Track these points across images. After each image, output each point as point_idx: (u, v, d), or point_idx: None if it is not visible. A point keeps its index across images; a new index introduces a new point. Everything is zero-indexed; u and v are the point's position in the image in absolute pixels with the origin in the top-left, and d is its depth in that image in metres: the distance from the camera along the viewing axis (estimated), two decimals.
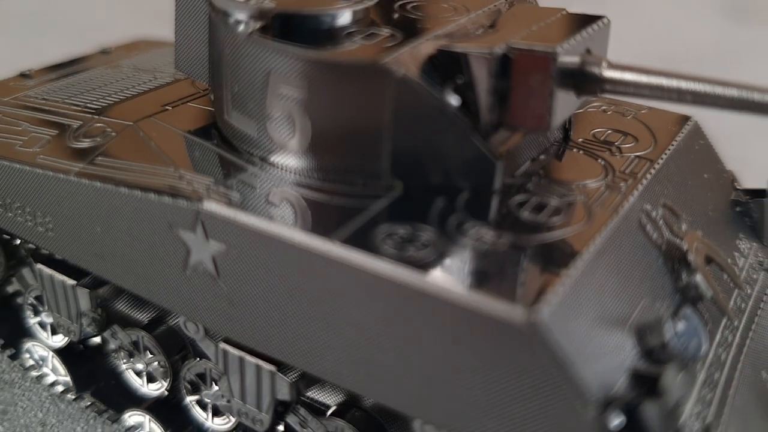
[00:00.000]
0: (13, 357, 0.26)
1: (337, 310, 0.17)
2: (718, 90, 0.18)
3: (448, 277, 0.16)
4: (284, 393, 0.20)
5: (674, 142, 0.23)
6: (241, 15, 0.19)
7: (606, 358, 0.15)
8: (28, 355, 0.26)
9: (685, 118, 0.25)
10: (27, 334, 0.27)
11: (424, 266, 0.16)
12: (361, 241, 0.17)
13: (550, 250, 0.17)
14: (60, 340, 0.27)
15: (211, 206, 0.18)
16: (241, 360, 0.20)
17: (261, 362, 0.20)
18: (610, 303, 0.17)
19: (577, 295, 0.16)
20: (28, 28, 0.61)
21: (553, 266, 0.16)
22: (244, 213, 0.18)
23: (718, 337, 0.19)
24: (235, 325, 0.18)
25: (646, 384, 0.15)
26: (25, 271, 0.27)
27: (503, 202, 0.19)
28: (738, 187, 0.25)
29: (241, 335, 0.19)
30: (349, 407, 0.21)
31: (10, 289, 0.28)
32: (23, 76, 0.28)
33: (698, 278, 0.18)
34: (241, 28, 0.18)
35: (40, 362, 0.26)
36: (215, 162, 0.20)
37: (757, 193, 0.25)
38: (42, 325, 0.27)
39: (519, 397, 0.15)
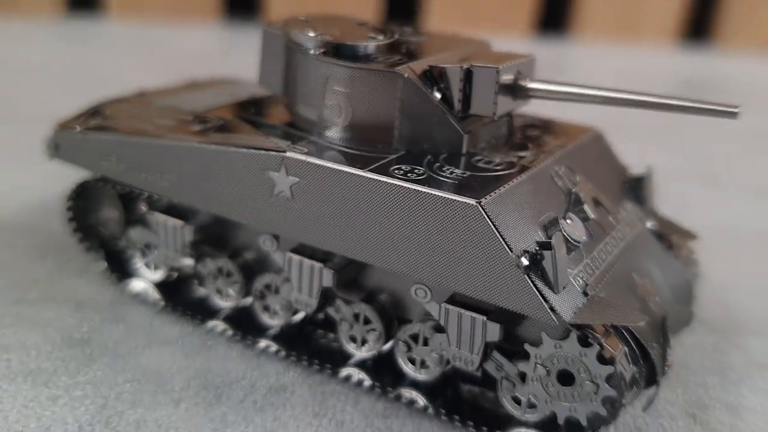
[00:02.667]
0: (124, 287, 0.37)
1: (364, 211, 0.27)
2: (593, 92, 0.30)
3: (433, 187, 0.27)
4: (328, 280, 0.30)
5: (579, 139, 0.34)
6: (310, 45, 0.30)
7: (522, 235, 0.26)
8: (135, 286, 0.37)
9: (590, 128, 0.36)
10: (135, 273, 0.38)
11: (418, 182, 0.27)
12: (380, 171, 0.28)
13: (492, 180, 0.28)
14: (158, 276, 0.37)
15: (292, 154, 0.29)
16: (301, 262, 0.31)
17: (314, 262, 0.31)
18: (527, 209, 0.27)
19: (506, 200, 0.27)
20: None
21: (492, 186, 0.27)
22: (311, 158, 0.29)
23: (600, 245, 0.30)
24: (302, 230, 0.29)
25: (545, 246, 0.26)
26: (132, 232, 0.38)
27: (467, 159, 0.30)
28: (628, 174, 0.36)
29: (305, 237, 0.29)
30: (369, 300, 0.32)
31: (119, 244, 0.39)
32: (141, 94, 0.40)
33: (585, 206, 0.30)
34: (311, 52, 0.30)
35: (144, 291, 0.37)
36: (290, 135, 0.31)
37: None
38: (147, 265, 0.37)
39: (471, 253, 0.26)
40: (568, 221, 0.27)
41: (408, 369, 0.30)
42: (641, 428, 0.30)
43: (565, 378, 0.26)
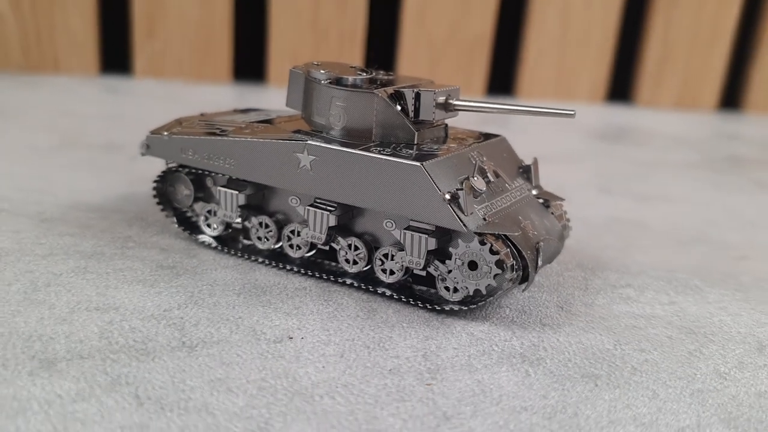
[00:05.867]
0: (193, 239, 0.55)
1: (356, 174, 0.46)
2: (487, 105, 0.49)
3: (396, 157, 0.45)
4: (332, 221, 0.48)
5: (490, 140, 0.54)
6: (322, 78, 0.50)
7: (447, 184, 0.45)
8: (201, 238, 0.55)
9: (499, 135, 0.56)
10: (199, 231, 0.56)
11: (387, 155, 0.46)
12: (364, 150, 0.46)
13: (431, 156, 0.47)
14: (216, 233, 0.55)
15: (312, 141, 0.48)
16: (314, 212, 0.49)
17: (323, 211, 0.49)
18: (451, 171, 0.46)
19: (438, 165, 0.45)
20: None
21: (431, 158, 0.46)
22: (324, 143, 0.47)
23: (497, 198, 0.48)
24: (317, 190, 0.47)
25: (459, 190, 0.45)
26: (197, 205, 0.56)
27: (417, 147, 0.49)
28: (522, 163, 0.56)
29: (319, 194, 0.47)
30: (358, 235, 0.50)
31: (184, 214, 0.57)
32: (202, 114, 0.58)
33: (488, 174, 0.49)
34: (322, 82, 0.49)
35: (207, 240, 0.54)
36: (308, 133, 0.50)
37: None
38: (208, 224, 0.55)
39: (418, 194, 0.44)
40: (475, 179, 0.46)
41: (382, 276, 0.48)
42: (525, 311, 0.48)
43: (472, 265, 0.45)
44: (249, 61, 1.32)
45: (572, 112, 0.47)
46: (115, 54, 1.27)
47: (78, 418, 0.34)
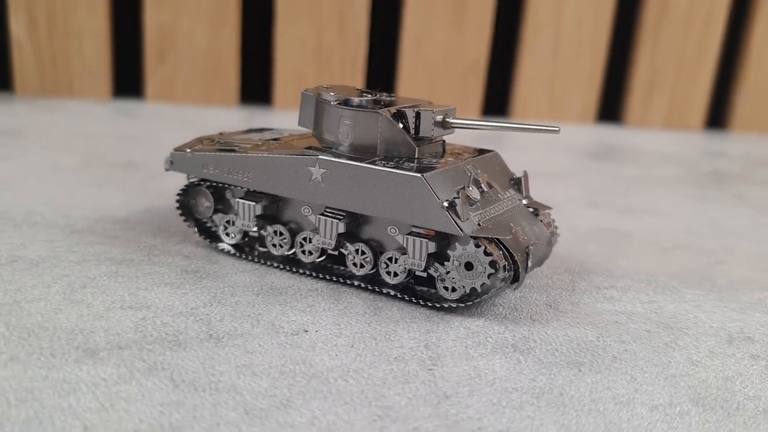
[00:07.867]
0: (214, 246, 0.60)
1: (363, 185, 0.51)
2: (479, 122, 0.54)
3: (399, 170, 0.50)
4: (341, 228, 0.53)
5: (484, 155, 0.59)
6: (331, 99, 0.55)
7: (445, 193, 0.50)
8: (220, 246, 0.60)
9: (492, 150, 0.61)
10: (219, 239, 0.60)
11: (392, 168, 0.51)
12: (370, 163, 0.52)
13: (430, 167, 0.52)
14: (234, 241, 0.60)
15: (323, 156, 0.53)
16: (325, 220, 0.54)
17: (333, 219, 0.54)
18: (448, 182, 0.51)
19: (437, 176, 0.50)
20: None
21: (430, 170, 0.51)
22: (333, 158, 0.53)
23: (490, 207, 0.53)
24: (327, 200, 0.52)
25: (456, 197, 0.50)
26: (216, 216, 0.61)
27: (418, 161, 0.54)
28: (513, 175, 0.61)
29: (329, 203, 0.52)
30: (364, 241, 0.55)
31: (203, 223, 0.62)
32: (221, 133, 0.64)
33: (482, 184, 0.54)
34: (332, 103, 0.55)
35: (226, 248, 0.59)
36: (319, 149, 0.55)
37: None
38: (227, 233, 0.60)
39: (419, 202, 0.49)
40: (470, 188, 0.51)
41: (387, 278, 0.53)
42: (517, 308, 0.53)
43: (468, 266, 0.50)
44: (256, 86, 1.38)
45: (557, 129, 0.53)
46: (128, 79, 1.33)
47: (122, 397, 0.38)
